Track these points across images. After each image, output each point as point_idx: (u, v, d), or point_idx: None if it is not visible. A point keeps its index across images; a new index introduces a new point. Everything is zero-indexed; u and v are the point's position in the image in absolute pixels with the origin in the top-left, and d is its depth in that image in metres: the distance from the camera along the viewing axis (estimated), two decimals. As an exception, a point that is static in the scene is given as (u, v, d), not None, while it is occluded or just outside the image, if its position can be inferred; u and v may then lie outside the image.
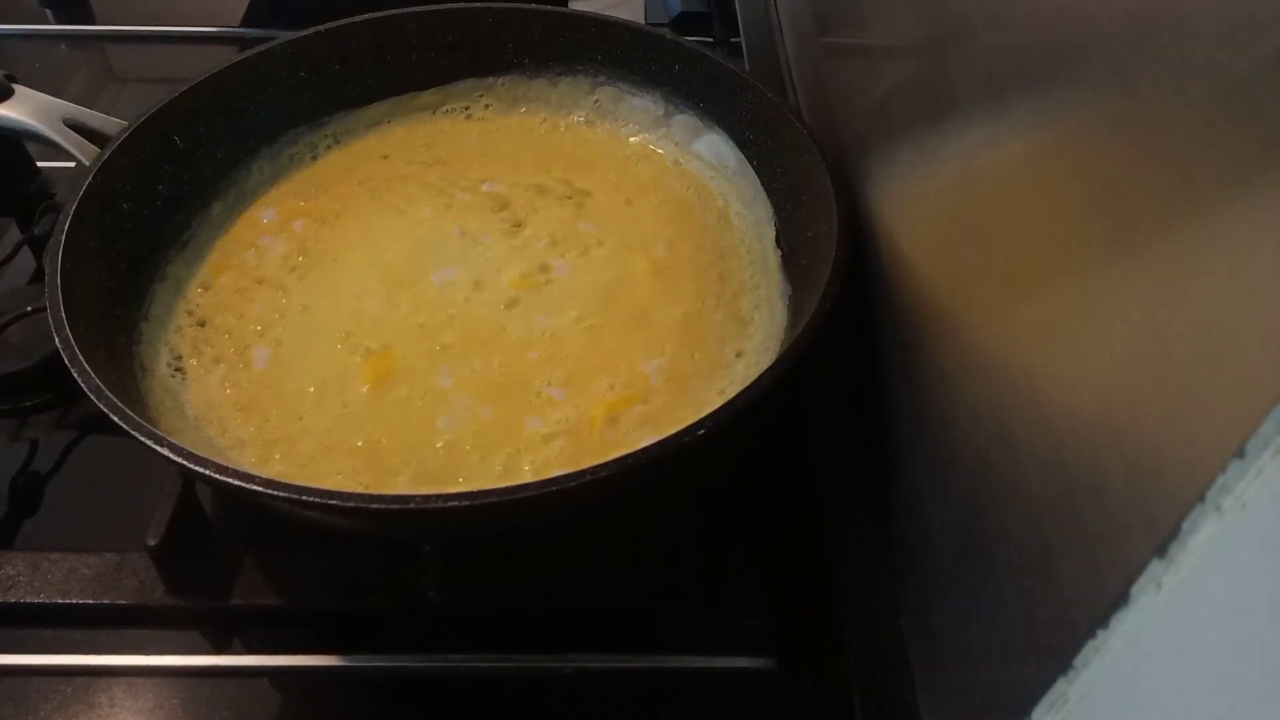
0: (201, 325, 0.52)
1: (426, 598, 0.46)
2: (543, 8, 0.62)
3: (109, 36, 0.87)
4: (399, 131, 0.63)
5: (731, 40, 0.80)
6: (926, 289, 0.38)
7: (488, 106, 0.64)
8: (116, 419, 0.39)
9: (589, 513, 0.46)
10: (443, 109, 0.64)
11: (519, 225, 0.57)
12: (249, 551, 0.48)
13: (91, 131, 0.55)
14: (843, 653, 0.45)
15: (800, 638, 0.47)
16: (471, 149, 0.62)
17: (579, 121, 0.64)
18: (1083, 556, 0.24)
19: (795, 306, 0.50)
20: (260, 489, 0.37)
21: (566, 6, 0.68)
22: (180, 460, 0.37)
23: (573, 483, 0.37)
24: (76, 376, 0.41)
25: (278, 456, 0.46)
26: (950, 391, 0.34)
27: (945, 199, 0.36)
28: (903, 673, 0.38)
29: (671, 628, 0.47)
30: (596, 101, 0.63)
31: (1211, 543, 0.20)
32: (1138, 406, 0.22)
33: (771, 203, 0.56)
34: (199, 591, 0.47)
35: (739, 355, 0.50)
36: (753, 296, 0.53)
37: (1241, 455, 0.18)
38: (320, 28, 0.60)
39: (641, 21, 0.79)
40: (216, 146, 0.58)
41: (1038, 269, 0.28)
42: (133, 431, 0.39)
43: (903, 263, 0.41)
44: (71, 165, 0.53)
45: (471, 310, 0.52)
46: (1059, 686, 0.24)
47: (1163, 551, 0.20)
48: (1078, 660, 0.23)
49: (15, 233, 0.65)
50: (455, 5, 0.62)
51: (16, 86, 0.56)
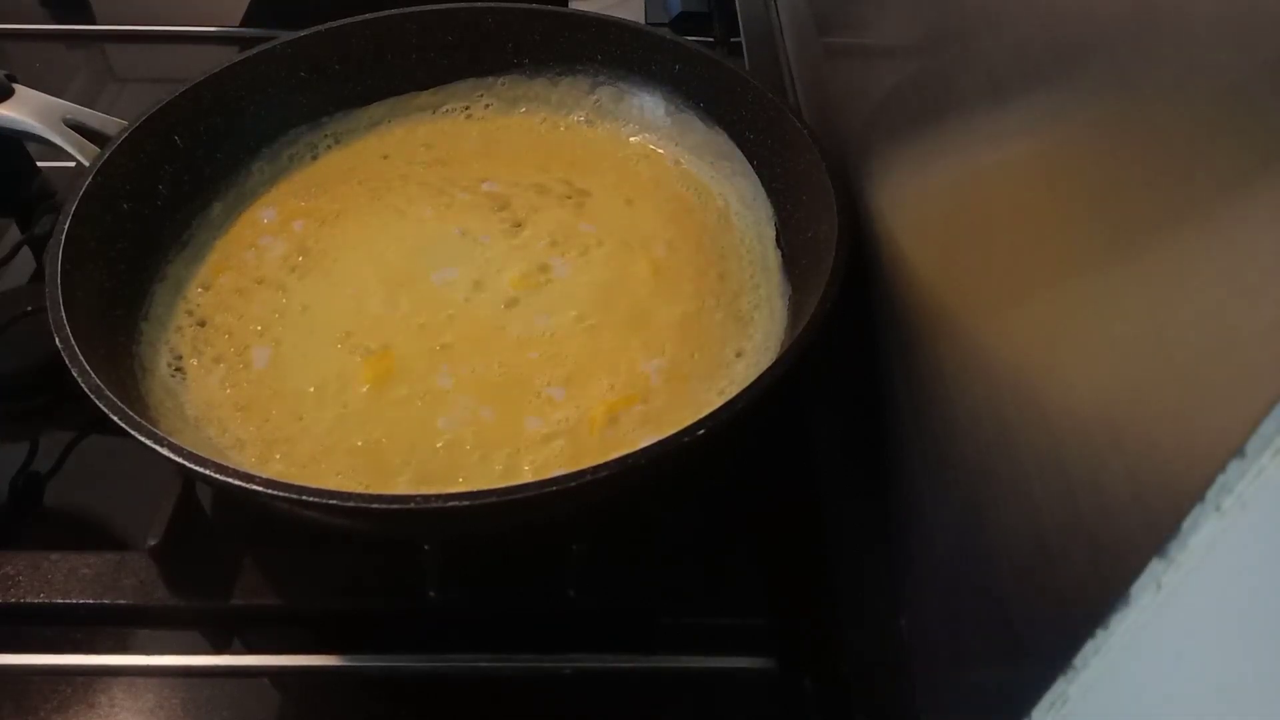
0: (201, 325, 0.52)
1: (426, 598, 0.46)
2: (543, 8, 0.62)
3: (109, 36, 0.87)
4: (399, 131, 0.63)
5: (731, 40, 0.80)
6: (927, 289, 0.38)
7: (488, 106, 0.64)
8: (116, 419, 0.39)
9: (589, 513, 0.46)
10: (443, 109, 0.64)
11: (519, 225, 0.57)
12: (249, 551, 0.48)
13: (91, 131, 0.55)
14: (843, 653, 0.45)
15: (800, 638, 0.47)
16: (471, 149, 0.62)
17: (579, 121, 0.64)
18: (1083, 556, 0.24)
19: (795, 306, 0.50)
20: (260, 489, 0.37)
21: (566, 6, 0.68)
22: (180, 460, 0.37)
23: (573, 483, 0.37)
24: (76, 376, 0.41)
25: (278, 456, 0.46)
26: (950, 391, 0.34)
27: (945, 199, 0.36)
28: (903, 673, 0.38)
29: (671, 628, 0.47)
30: (596, 101, 0.63)
31: (1211, 543, 0.20)
32: (1137, 406, 0.22)
33: (771, 203, 0.56)
34: (199, 591, 0.47)
35: (739, 355, 0.50)
36: (753, 296, 0.53)
37: (1241, 455, 0.18)
38: (320, 28, 0.60)
39: (641, 21, 0.79)
40: (216, 146, 0.58)
41: (1038, 269, 0.28)
42: (133, 431, 0.39)
43: (903, 263, 0.41)
44: (71, 165, 0.53)
45: (471, 310, 0.52)
46: (1059, 686, 0.24)
47: (1163, 551, 0.20)
48: (1078, 660, 0.23)
49: (15, 233, 0.65)
50: (455, 5, 0.62)
51: (16, 86, 0.56)
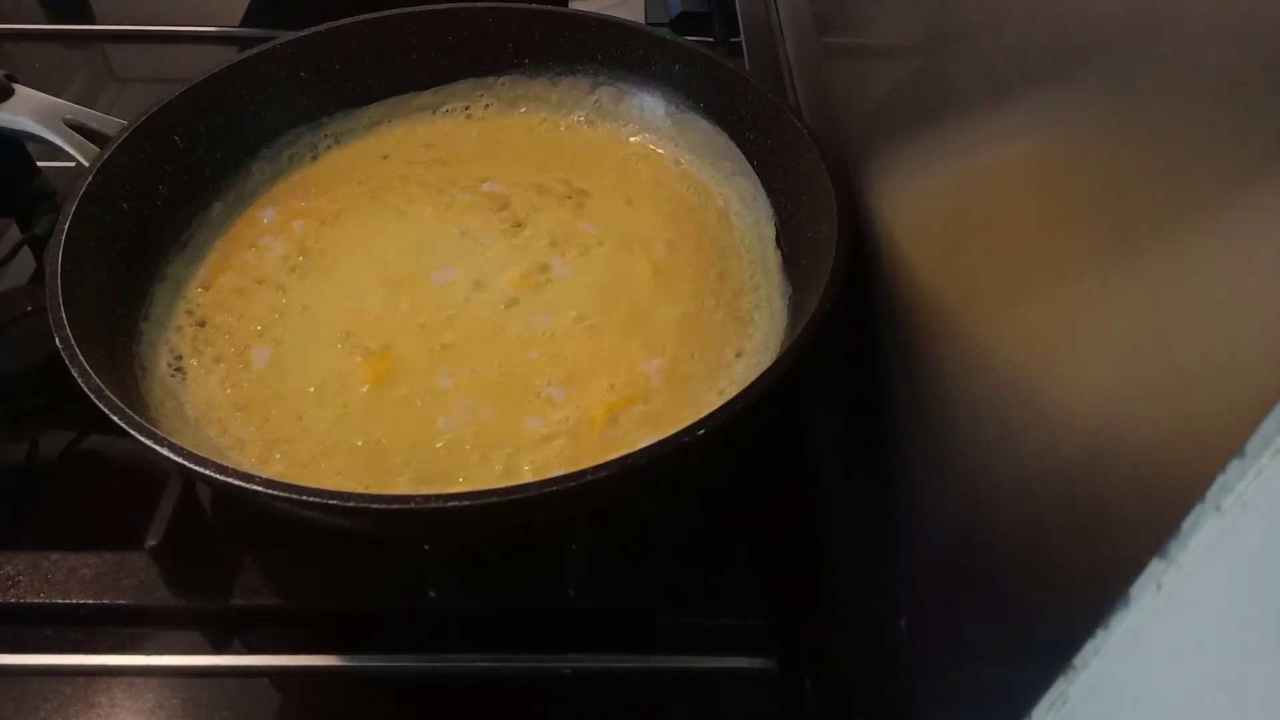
0: (201, 325, 0.52)
1: (426, 598, 0.46)
2: (543, 8, 0.62)
3: (109, 36, 0.87)
4: (399, 131, 0.63)
5: (731, 40, 0.80)
6: (927, 289, 0.38)
7: (488, 106, 0.64)
8: (116, 419, 0.39)
9: (589, 513, 0.46)
10: (443, 109, 0.64)
11: (519, 225, 0.57)
12: (249, 551, 0.48)
13: (91, 131, 0.55)
14: (843, 653, 0.45)
15: (800, 638, 0.47)
16: (471, 149, 0.62)
17: (579, 121, 0.64)
18: (1083, 557, 0.24)
19: (795, 306, 0.50)
20: (260, 489, 0.37)
21: (566, 6, 0.68)
22: (180, 460, 0.37)
23: (573, 483, 0.37)
24: (76, 376, 0.41)
25: (278, 456, 0.46)
26: (950, 391, 0.34)
27: (945, 199, 0.36)
28: (903, 673, 0.38)
29: (671, 628, 0.47)
30: (596, 101, 0.63)
31: (1211, 543, 0.20)
32: (1138, 406, 0.22)
33: (771, 203, 0.56)
34: (199, 591, 0.47)
35: (739, 355, 0.50)
36: (753, 296, 0.53)
37: (1241, 455, 0.18)
38: (320, 28, 0.60)
39: (641, 21, 0.79)
40: (216, 146, 0.58)
41: (1038, 269, 0.28)
42: (133, 431, 0.39)
43: (903, 263, 0.41)
44: (71, 165, 0.53)
45: (471, 310, 0.52)
46: (1059, 686, 0.24)
47: (1163, 551, 0.20)
48: (1078, 660, 0.23)
49: (15, 233, 0.65)
50: (455, 5, 0.62)
51: (16, 86, 0.56)
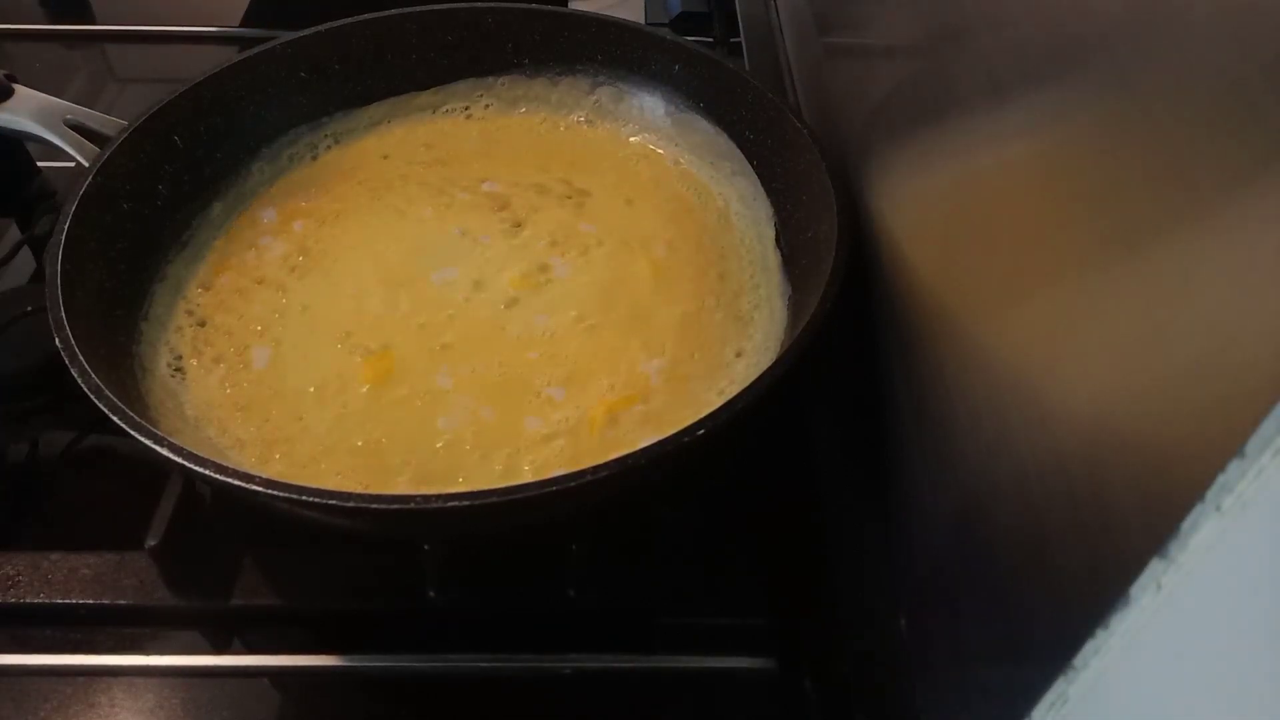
0: (201, 325, 0.52)
1: (426, 598, 0.46)
2: (543, 8, 0.62)
3: (109, 36, 0.87)
4: (399, 131, 0.63)
5: (731, 40, 0.80)
6: (927, 289, 0.38)
7: (488, 106, 0.64)
8: (116, 419, 0.39)
9: (589, 513, 0.46)
10: (443, 109, 0.64)
11: (519, 225, 0.57)
12: (249, 551, 0.48)
13: (91, 131, 0.55)
14: (843, 653, 0.45)
15: (800, 638, 0.47)
16: (471, 149, 0.62)
17: (579, 121, 0.64)
18: (1083, 557, 0.24)
19: (795, 306, 0.50)
20: (260, 489, 0.37)
21: (566, 6, 0.68)
22: (180, 460, 0.37)
23: (573, 483, 0.37)
24: (76, 376, 0.41)
25: (277, 456, 0.46)
26: (950, 391, 0.34)
27: (945, 199, 0.36)
28: (903, 673, 0.38)
29: (671, 628, 0.47)
30: (596, 101, 0.63)
31: (1211, 543, 0.20)
32: (1138, 406, 0.22)
33: (771, 203, 0.56)
34: (199, 591, 0.47)
35: (739, 355, 0.50)
36: (753, 296, 0.53)
37: (1241, 455, 0.18)
38: (320, 28, 0.60)
39: (641, 21, 0.79)
40: (216, 146, 0.58)
41: (1038, 269, 0.28)
42: (133, 431, 0.39)
43: (903, 263, 0.41)
44: (71, 165, 0.53)
45: (471, 310, 0.52)
46: (1059, 686, 0.24)
47: (1163, 551, 0.20)
48: (1078, 660, 0.23)
49: (15, 233, 0.65)
50: (455, 5, 0.62)
51: (16, 86, 0.56)
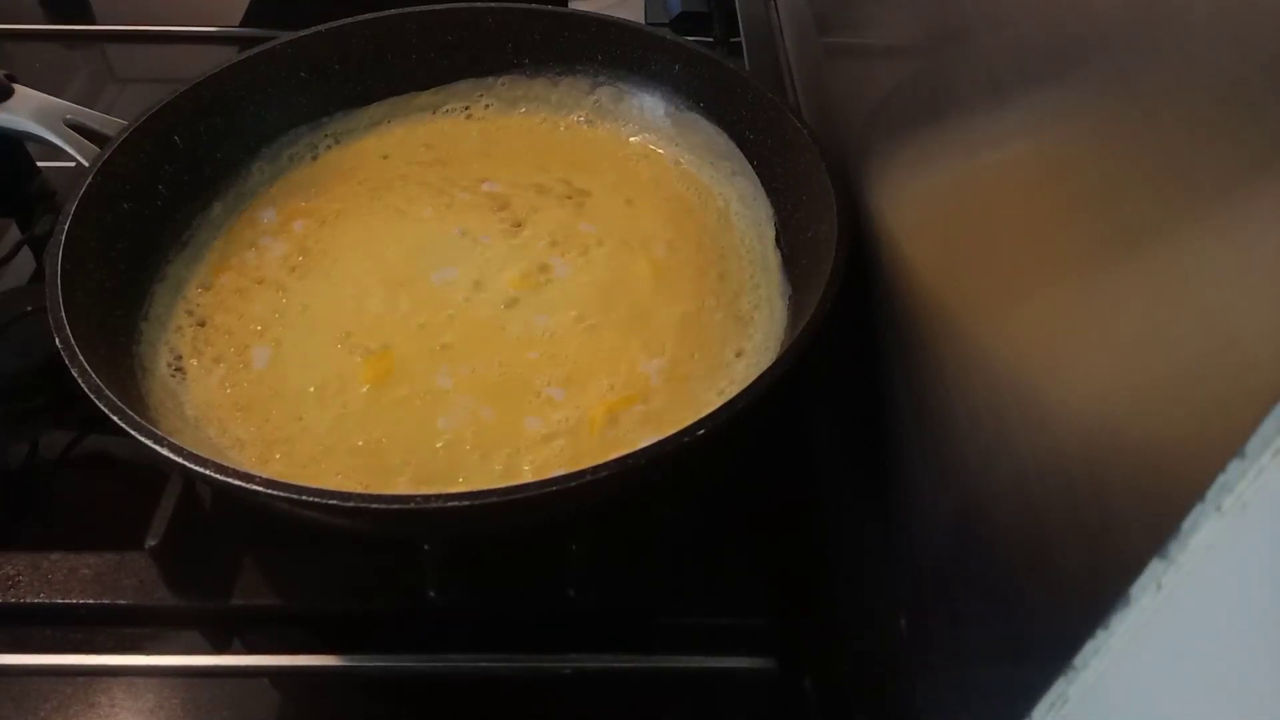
0: (201, 325, 0.52)
1: (426, 598, 0.46)
2: (543, 8, 0.62)
3: (109, 36, 0.87)
4: (399, 131, 0.63)
5: (731, 40, 0.80)
6: (927, 289, 0.38)
7: (488, 106, 0.64)
8: (116, 419, 0.39)
9: (589, 513, 0.46)
10: (443, 109, 0.64)
11: (519, 225, 0.57)
12: (249, 551, 0.48)
13: (91, 131, 0.55)
14: (843, 653, 0.45)
15: (800, 638, 0.47)
16: (471, 149, 0.62)
17: (579, 121, 0.64)
18: (1083, 556, 0.24)
19: (795, 306, 0.50)
20: (260, 489, 0.37)
21: (566, 6, 0.68)
22: (180, 460, 0.37)
23: (573, 483, 0.37)
24: (76, 376, 0.41)
25: (277, 456, 0.46)
26: (950, 391, 0.34)
27: (945, 199, 0.36)
28: (903, 673, 0.38)
29: (671, 628, 0.47)
30: (596, 101, 0.63)
31: (1211, 543, 0.20)
32: (1138, 406, 0.22)
33: (771, 203, 0.56)
34: (199, 591, 0.47)
35: (739, 355, 0.50)
36: (753, 296, 0.53)
37: (1241, 455, 0.18)
38: (320, 28, 0.60)
39: (641, 21, 0.79)
40: (216, 146, 0.58)
41: (1038, 269, 0.28)
42: (133, 431, 0.39)
43: (903, 263, 0.41)
44: (71, 165, 0.53)
45: (471, 310, 0.52)
46: (1059, 686, 0.24)
47: (1163, 551, 0.20)
48: (1078, 660, 0.23)
49: (15, 233, 0.65)
50: (455, 5, 0.62)
51: (16, 86, 0.56)
